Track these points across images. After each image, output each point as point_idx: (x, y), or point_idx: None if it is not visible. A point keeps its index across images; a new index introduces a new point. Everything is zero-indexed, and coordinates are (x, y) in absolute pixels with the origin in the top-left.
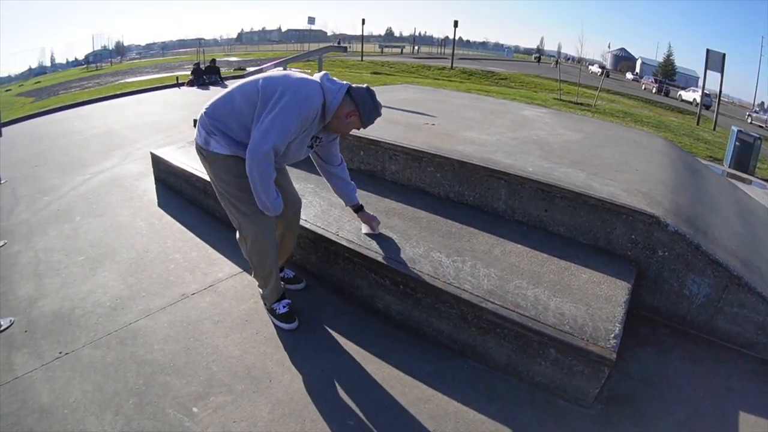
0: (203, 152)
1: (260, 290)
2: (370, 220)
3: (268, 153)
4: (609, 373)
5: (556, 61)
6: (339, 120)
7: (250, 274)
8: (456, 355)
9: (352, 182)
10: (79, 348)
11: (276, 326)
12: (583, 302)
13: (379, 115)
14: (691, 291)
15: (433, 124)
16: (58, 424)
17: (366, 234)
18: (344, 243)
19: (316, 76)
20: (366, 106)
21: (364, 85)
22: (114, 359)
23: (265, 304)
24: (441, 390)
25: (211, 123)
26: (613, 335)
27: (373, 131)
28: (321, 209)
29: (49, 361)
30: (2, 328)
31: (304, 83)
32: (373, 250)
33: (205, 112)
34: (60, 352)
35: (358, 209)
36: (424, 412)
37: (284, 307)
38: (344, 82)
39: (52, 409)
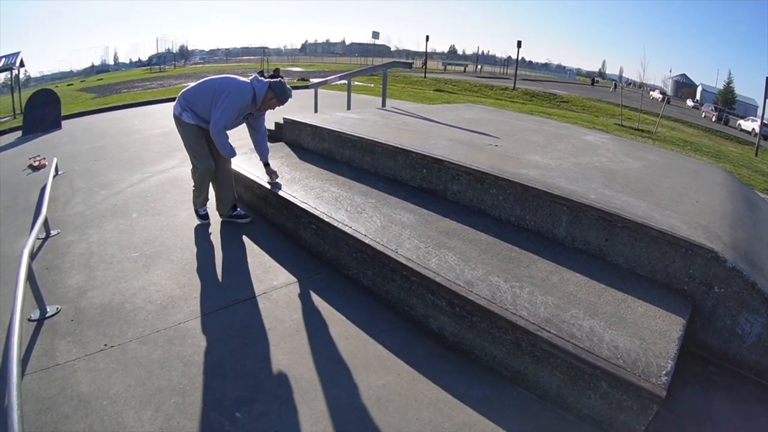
0: (178, 120)
1: (193, 200)
2: (271, 174)
3: (221, 128)
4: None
5: (615, 85)
6: (264, 102)
7: (300, 284)
8: (506, 382)
9: (268, 146)
10: (125, 342)
11: (201, 223)
12: (638, 336)
13: (290, 96)
14: (744, 330)
15: (497, 146)
16: (95, 414)
17: (269, 182)
18: (403, 261)
19: (248, 79)
20: (279, 92)
21: (278, 79)
22: (160, 357)
23: (194, 205)
24: (488, 416)
25: (185, 103)
26: (665, 372)
27: (437, 150)
28: (381, 225)
29: (93, 352)
30: (48, 315)
31: (241, 85)
32: (432, 270)
33: (182, 95)
34: (105, 344)
35: (266, 165)
36: None
37: (203, 210)
38: (267, 80)
39: (90, 399)
